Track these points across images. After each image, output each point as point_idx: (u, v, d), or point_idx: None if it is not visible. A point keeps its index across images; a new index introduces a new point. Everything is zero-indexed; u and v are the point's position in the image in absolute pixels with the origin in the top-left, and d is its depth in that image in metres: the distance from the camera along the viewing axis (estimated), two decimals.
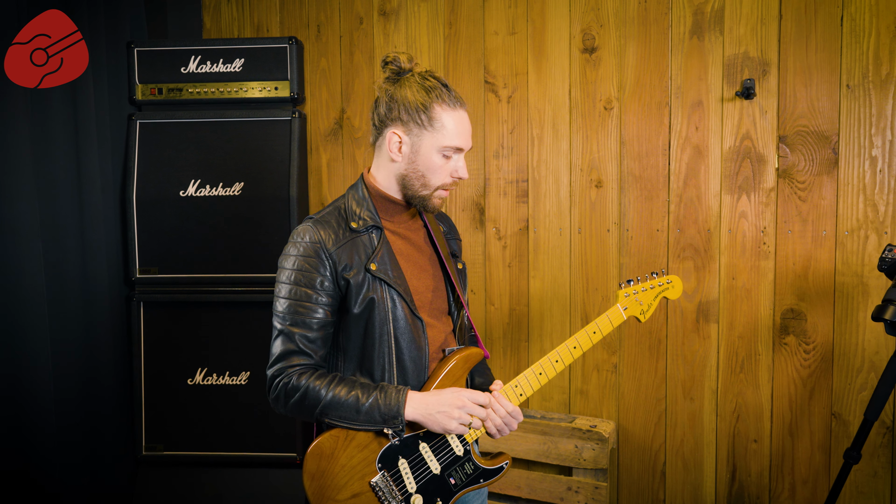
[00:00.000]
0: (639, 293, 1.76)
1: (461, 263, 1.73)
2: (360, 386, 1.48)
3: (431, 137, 1.51)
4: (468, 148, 1.56)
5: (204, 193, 2.72)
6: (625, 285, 1.76)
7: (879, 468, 2.36)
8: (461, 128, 1.53)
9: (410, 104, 1.50)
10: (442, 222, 1.77)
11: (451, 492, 1.56)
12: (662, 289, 1.80)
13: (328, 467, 1.48)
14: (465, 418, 1.49)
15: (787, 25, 2.37)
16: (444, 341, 1.62)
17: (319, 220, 1.56)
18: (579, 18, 2.61)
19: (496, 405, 1.54)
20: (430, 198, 1.56)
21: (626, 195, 2.59)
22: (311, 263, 1.50)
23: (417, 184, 1.54)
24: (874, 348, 2.33)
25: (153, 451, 2.76)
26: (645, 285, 1.78)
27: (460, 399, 1.49)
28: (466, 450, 1.57)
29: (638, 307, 1.76)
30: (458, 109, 1.53)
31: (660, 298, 1.79)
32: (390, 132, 1.53)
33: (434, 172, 1.53)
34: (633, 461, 2.67)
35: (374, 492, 1.50)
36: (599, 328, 1.70)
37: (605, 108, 2.60)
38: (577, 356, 1.67)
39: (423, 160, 1.52)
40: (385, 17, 2.87)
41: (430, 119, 1.50)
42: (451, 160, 1.54)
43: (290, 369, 1.48)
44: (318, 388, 1.46)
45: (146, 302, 2.74)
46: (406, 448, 1.53)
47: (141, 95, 2.78)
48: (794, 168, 2.39)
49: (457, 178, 1.56)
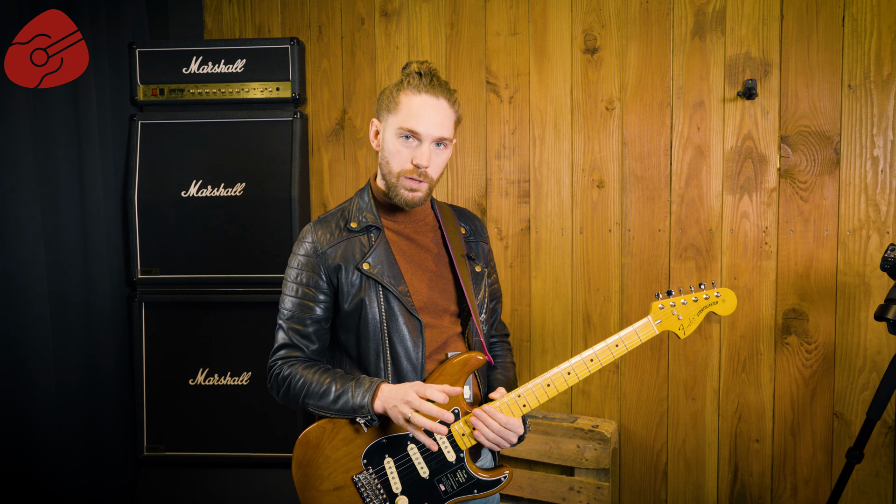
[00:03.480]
0: (677, 306, 1.56)
1: (479, 266, 1.67)
2: (340, 377, 1.52)
3: (394, 120, 1.52)
4: (426, 133, 1.49)
5: (205, 194, 2.72)
6: (662, 296, 1.57)
7: (881, 468, 2.36)
8: (419, 110, 1.49)
9: (386, 92, 1.55)
10: (466, 224, 1.72)
11: (441, 499, 1.52)
12: (709, 303, 1.58)
13: (314, 457, 1.51)
14: (405, 412, 1.42)
15: (789, 26, 2.37)
16: (445, 342, 1.59)
17: (321, 220, 1.62)
18: (581, 19, 2.61)
19: (487, 419, 1.49)
20: (396, 187, 1.54)
21: (627, 195, 2.60)
22: (308, 263, 1.57)
23: (385, 171, 1.56)
24: (876, 348, 2.34)
25: (155, 451, 2.75)
26: (687, 297, 1.57)
27: (407, 393, 1.43)
28: (459, 457, 1.52)
29: (676, 322, 1.56)
30: (422, 94, 1.50)
31: (705, 313, 1.58)
32: (372, 122, 1.60)
33: (394, 156, 1.52)
34: (635, 461, 2.67)
35: (357, 487, 1.50)
36: (625, 343, 1.53)
37: (606, 108, 2.60)
38: (595, 370, 1.53)
39: (387, 144, 1.54)
40: (387, 18, 2.87)
41: (396, 103, 1.52)
42: (411, 145, 1.51)
43: (283, 360, 1.57)
44: (302, 377, 1.53)
45: (147, 302, 2.74)
46: (393, 447, 1.52)
47: (142, 96, 2.77)
48: (795, 168, 2.39)
49: (416, 166, 1.50)
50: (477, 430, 1.50)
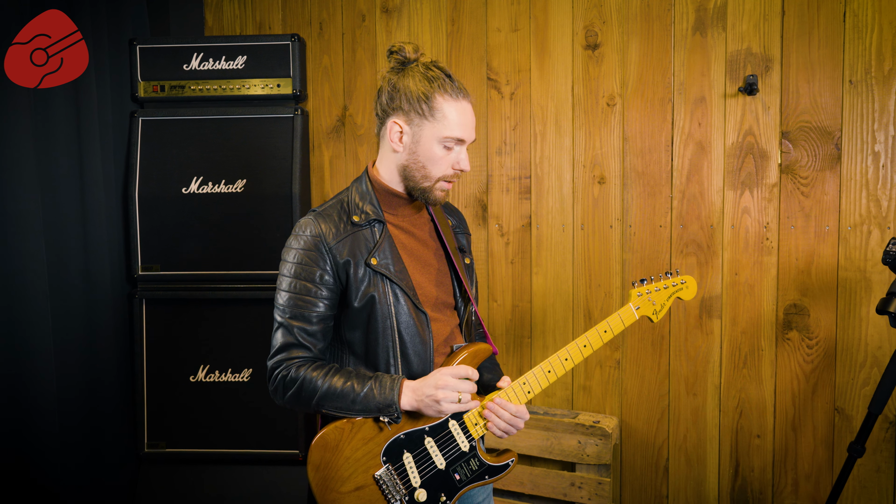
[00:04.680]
0: (652, 293, 1.73)
1: (469, 258, 1.71)
2: (357, 376, 1.49)
3: (432, 128, 1.49)
4: (471, 140, 1.54)
5: (206, 190, 2.72)
6: (638, 284, 1.73)
7: (882, 463, 2.36)
8: (463, 118, 1.51)
9: (412, 94, 1.49)
10: (451, 216, 1.74)
11: (456, 487, 1.55)
12: (676, 289, 1.77)
13: (332, 459, 1.48)
14: (451, 396, 1.46)
15: (790, 21, 2.37)
16: (449, 335, 1.61)
17: (321, 213, 1.56)
18: (582, 15, 2.61)
19: (499, 410, 1.53)
20: (431, 190, 1.54)
21: (628, 191, 2.60)
22: (311, 257, 1.51)
23: (419, 175, 1.53)
24: (877, 343, 2.34)
25: (155, 448, 2.75)
26: (658, 285, 1.75)
27: (442, 378, 1.47)
28: (472, 445, 1.56)
29: (651, 307, 1.73)
30: (460, 100, 1.51)
31: (673, 299, 1.76)
32: (391, 122, 1.53)
33: (435, 163, 1.51)
34: (636, 457, 2.67)
35: (378, 485, 1.49)
36: (611, 327, 1.67)
37: (607, 104, 2.60)
38: (588, 354, 1.65)
39: (423, 150, 1.51)
40: (387, 15, 2.87)
41: (431, 109, 1.49)
42: (452, 151, 1.52)
43: (289, 361, 1.50)
44: (314, 379, 1.47)
45: (148, 299, 2.74)
46: (411, 442, 1.52)
47: (143, 93, 2.77)
48: (796, 164, 2.40)
49: (458, 171, 1.54)
50: (490, 422, 1.55)
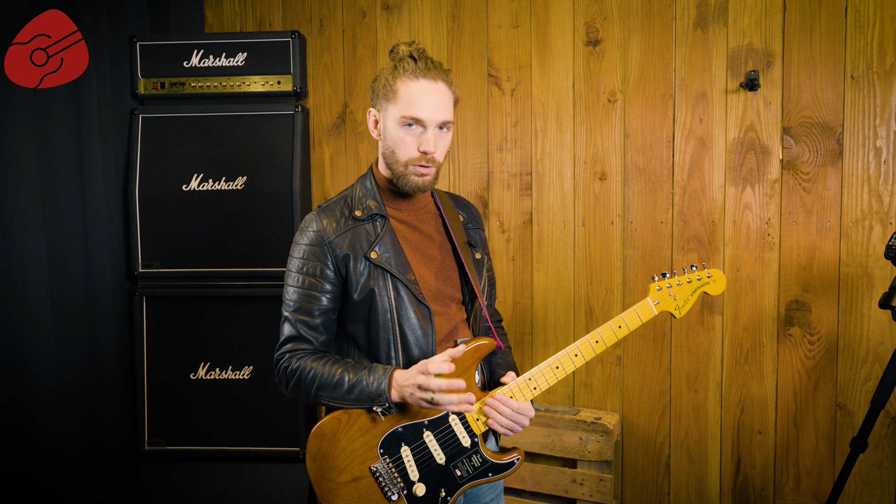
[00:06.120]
0: (673, 287, 1.64)
1: (479, 253, 1.69)
2: (352, 367, 1.50)
3: (394, 109, 1.50)
4: (433, 119, 1.49)
5: (207, 188, 2.71)
6: (658, 278, 1.64)
7: (884, 458, 2.36)
8: (421, 97, 1.47)
9: (380, 80, 1.52)
10: (463, 211, 1.73)
11: (457, 484, 1.53)
12: (702, 283, 1.66)
13: (329, 449, 1.50)
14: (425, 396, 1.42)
15: (791, 17, 2.37)
16: (453, 329, 1.60)
17: (325, 208, 1.59)
18: (583, 11, 2.60)
19: (500, 406, 1.52)
20: (405, 175, 1.52)
21: (630, 187, 2.59)
22: (314, 252, 1.53)
23: (391, 160, 1.54)
24: (879, 339, 2.34)
25: (155, 445, 2.75)
26: (681, 279, 1.65)
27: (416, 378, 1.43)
28: (474, 441, 1.55)
29: (672, 302, 1.64)
30: (419, 79, 1.48)
31: (699, 294, 1.66)
32: (370, 112, 1.57)
33: (399, 146, 1.51)
34: (637, 453, 2.66)
35: (375, 477, 1.49)
36: (626, 323, 1.60)
37: (608, 100, 2.59)
38: (600, 351, 1.58)
39: (389, 134, 1.52)
40: (388, 11, 2.87)
41: (393, 91, 1.49)
42: (416, 133, 1.50)
43: (291, 353, 1.54)
44: (312, 369, 1.50)
45: (149, 296, 2.73)
46: (409, 435, 1.52)
47: (143, 90, 2.77)
48: (798, 159, 2.39)
49: (423, 153, 1.50)
50: (491, 419, 1.53)
